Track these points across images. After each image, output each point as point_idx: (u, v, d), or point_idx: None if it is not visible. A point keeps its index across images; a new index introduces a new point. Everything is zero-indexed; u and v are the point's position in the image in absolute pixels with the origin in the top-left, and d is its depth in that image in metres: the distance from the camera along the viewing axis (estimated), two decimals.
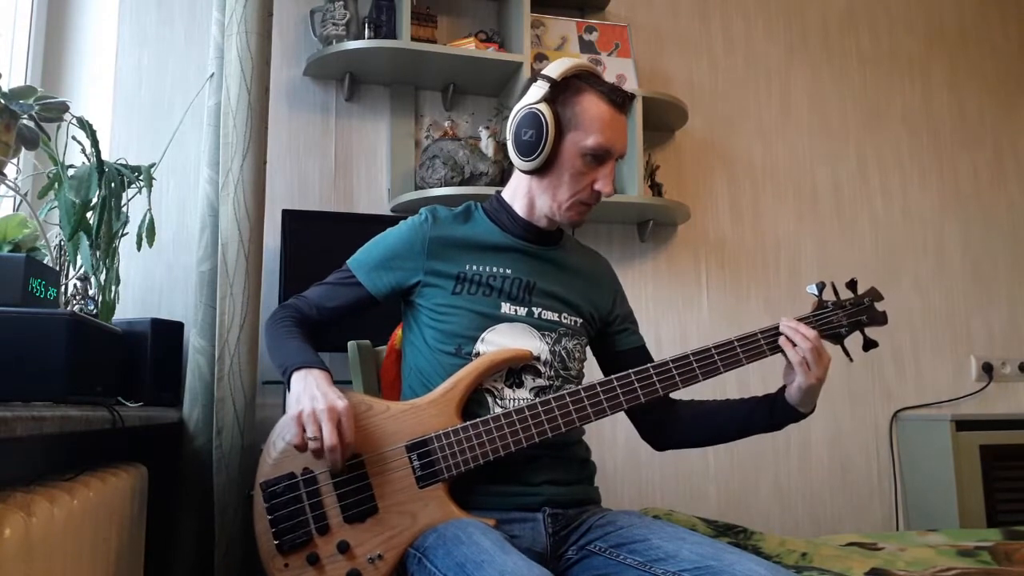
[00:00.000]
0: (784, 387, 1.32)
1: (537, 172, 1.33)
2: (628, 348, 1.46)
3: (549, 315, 1.35)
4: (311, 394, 1.18)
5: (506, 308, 1.32)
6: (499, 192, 1.43)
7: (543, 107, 1.29)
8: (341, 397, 1.19)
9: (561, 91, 1.30)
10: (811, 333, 1.27)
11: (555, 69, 1.31)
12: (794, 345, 1.27)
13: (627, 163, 2.40)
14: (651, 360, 1.37)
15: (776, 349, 1.29)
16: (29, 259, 1.12)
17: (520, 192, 1.38)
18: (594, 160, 1.30)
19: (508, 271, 1.34)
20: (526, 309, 1.33)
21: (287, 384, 1.23)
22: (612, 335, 1.46)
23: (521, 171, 1.35)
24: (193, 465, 1.66)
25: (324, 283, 1.39)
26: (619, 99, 1.31)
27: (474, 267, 1.34)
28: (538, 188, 1.35)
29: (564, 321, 1.36)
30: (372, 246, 1.39)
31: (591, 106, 1.29)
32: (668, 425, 1.43)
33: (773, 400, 1.34)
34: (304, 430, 1.16)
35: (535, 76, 1.33)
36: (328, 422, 1.15)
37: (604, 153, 1.30)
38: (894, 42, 3.00)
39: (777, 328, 1.30)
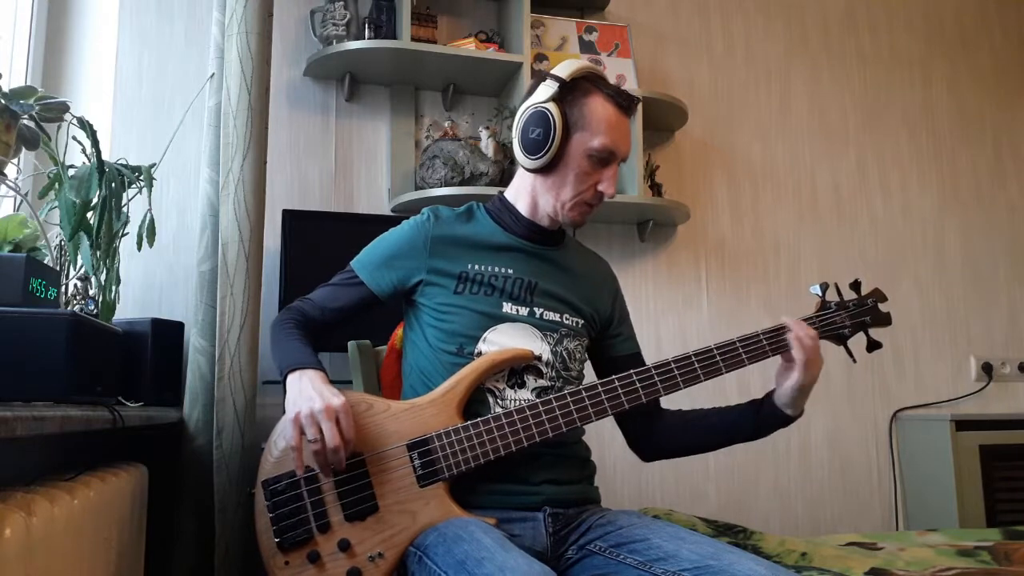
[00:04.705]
0: (770, 394, 1.32)
1: (542, 171, 1.33)
2: (624, 354, 1.46)
3: (551, 315, 1.35)
4: (307, 395, 1.18)
5: (508, 308, 1.32)
6: (502, 192, 1.43)
7: (551, 106, 1.29)
8: (337, 394, 1.19)
9: (570, 91, 1.31)
10: (813, 332, 1.29)
11: (564, 69, 1.32)
12: (802, 343, 1.27)
13: (627, 163, 2.40)
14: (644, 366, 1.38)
15: (779, 349, 1.29)
16: (29, 259, 1.12)
17: (524, 191, 1.39)
18: (599, 162, 1.31)
19: (510, 271, 1.35)
20: (527, 309, 1.33)
21: (284, 386, 1.24)
22: (609, 339, 1.45)
23: (526, 169, 1.36)
24: (193, 465, 1.66)
25: (328, 284, 1.40)
26: (625, 102, 1.33)
27: (476, 266, 1.34)
28: (542, 187, 1.35)
29: (566, 322, 1.36)
30: (375, 246, 1.40)
31: (598, 108, 1.31)
32: (655, 434, 1.42)
33: (760, 405, 1.34)
34: (303, 432, 1.16)
35: (543, 76, 1.33)
36: (327, 421, 1.15)
37: (609, 155, 1.31)
38: (894, 42, 3.00)
39: (779, 328, 1.30)
